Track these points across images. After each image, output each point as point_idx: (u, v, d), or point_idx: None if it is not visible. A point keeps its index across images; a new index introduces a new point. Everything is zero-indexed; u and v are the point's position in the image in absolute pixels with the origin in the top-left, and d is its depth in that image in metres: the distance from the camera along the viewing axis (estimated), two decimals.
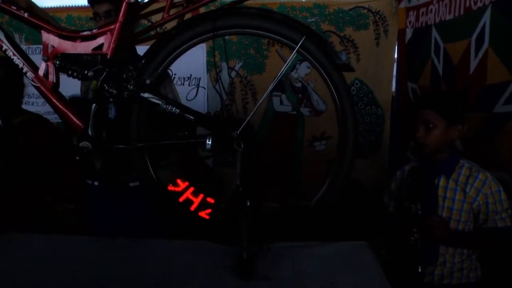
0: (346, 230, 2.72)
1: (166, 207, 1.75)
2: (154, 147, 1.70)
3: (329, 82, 1.58)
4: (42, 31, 1.65)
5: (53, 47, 1.65)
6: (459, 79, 2.62)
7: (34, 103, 3.62)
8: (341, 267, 1.63)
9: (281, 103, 3.68)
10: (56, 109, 1.69)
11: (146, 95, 1.58)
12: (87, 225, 2.49)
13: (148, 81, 1.60)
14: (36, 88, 1.68)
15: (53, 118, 2.88)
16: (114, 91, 1.61)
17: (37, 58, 1.71)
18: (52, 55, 1.64)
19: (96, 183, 2.45)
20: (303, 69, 3.61)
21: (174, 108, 1.57)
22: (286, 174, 3.59)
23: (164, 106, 1.57)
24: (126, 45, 1.75)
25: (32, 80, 1.67)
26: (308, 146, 3.70)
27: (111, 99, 1.63)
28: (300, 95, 3.69)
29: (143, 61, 1.62)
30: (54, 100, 1.68)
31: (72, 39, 1.65)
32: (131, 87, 1.59)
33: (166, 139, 1.69)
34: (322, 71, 1.56)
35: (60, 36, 1.65)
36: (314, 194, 1.70)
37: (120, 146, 1.66)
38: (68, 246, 1.78)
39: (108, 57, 1.61)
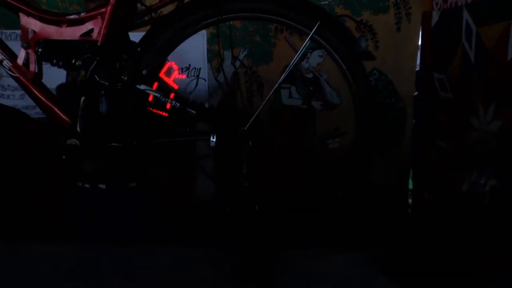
0: (361, 234, 2.72)
1: (163, 209, 1.76)
2: (150, 145, 1.70)
3: (347, 72, 1.58)
4: (21, 14, 1.63)
5: (34, 32, 1.64)
6: (494, 67, 2.60)
7: (10, 96, 3.59)
8: (352, 280, 1.64)
9: (290, 96, 3.66)
10: (39, 103, 1.69)
11: (142, 87, 1.58)
12: (74, 231, 2.49)
13: (144, 72, 1.60)
14: (15, 79, 1.67)
15: (33, 113, 2.87)
16: (106, 83, 1.61)
17: (12, 45, 1.69)
18: (33, 42, 1.63)
19: (85, 185, 2.45)
20: (315, 58, 3.59)
21: (174, 102, 1.57)
22: (296, 174, 3.58)
23: (163, 100, 1.57)
24: (119, 31, 1.75)
25: (10, 70, 1.66)
26: (320, 144, 3.68)
27: (102, 92, 1.63)
28: (311, 87, 3.67)
29: (138, 49, 1.62)
30: (37, 93, 1.68)
31: (57, 23, 1.64)
32: (126, 78, 1.59)
33: (164, 136, 1.69)
34: (339, 60, 1.56)
35: (43, 20, 1.64)
36: (327, 196, 1.70)
37: (113, 144, 1.66)
38: (56, 256, 1.79)
39: (99, 44, 1.61)
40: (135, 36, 1.79)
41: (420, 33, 3.50)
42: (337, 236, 2.43)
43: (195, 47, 3.46)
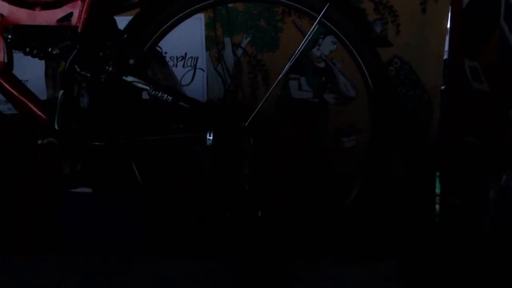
0: (380, 244, 2.72)
1: (155, 217, 1.77)
2: (139, 143, 1.71)
3: (359, 60, 1.59)
4: None
5: (2, 16, 1.65)
6: None
7: None
8: None
9: (300, 88, 3.66)
10: (9, 97, 1.71)
11: (129, 78, 1.60)
12: (58, 242, 2.51)
13: (132, 61, 1.61)
14: None
15: (5, 109, 2.87)
16: (88, 74, 1.62)
17: None
18: (1, 27, 1.65)
19: (65, 190, 2.46)
20: (328, 45, 3.59)
21: (165, 95, 1.58)
22: (306, 176, 3.58)
23: (153, 93, 1.58)
24: (103, 15, 1.76)
25: None
26: (333, 142, 3.68)
27: (83, 84, 1.64)
28: (323, 78, 3.66)
29: (125, 36, 1.63)
30: (6, 85, 1.69)
31: (29, 6, 1.66)
32: (110, 68, 1.60)
33: (155, 133, 1.70)
34: (350, 46, 1.58)
35: (12, 2, 1.65)
36: (340, 201, 1.71)
37: (96, 143, 1.68)
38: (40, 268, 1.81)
39: (79, 30, 1.62)
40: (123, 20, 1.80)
41: (449, 14, 3.49)
42: (353, 246, 2.45)
43: (191, 33, 3.46)
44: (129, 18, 1.78)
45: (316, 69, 3.64)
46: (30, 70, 2.15)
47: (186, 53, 3.58)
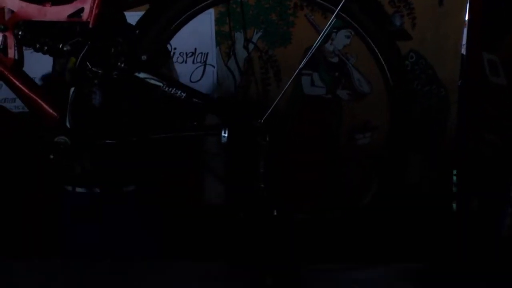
0: (397, 245, 2.72)
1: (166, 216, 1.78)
2: (152, 141, 1.72)
3: (379, 55, 1.59)
4: None
5: (13, 12, 1.65)
6: None
7: None
8: None
9: (313, 84, 3.66)
10: (20, 94, 1.71)
11: (142, 75, 1.60)
12: (63, 243, 2.52)
13: (144, 57, 1.62)
14: None
15: (12, 107, 2.90)
16: (100, 71, 1.63)
17: None
18: (12, 24, 1.65)
19: (76, 189, 2.47)
20: (341, 39, 3.59)
21: (179, 92, 1.59)
22: (320, 174, 3.59)
23: (166, 89, 1.59)
24: (114, 10, 1.77)
25: None
26: (347, 139, 3.68)
27: (95, 81, 1.65)
28: (337, 74, 3.67)
29: (137, 32, 1.64)
30: (17, 82, 1.70)
31: (39, 1, 1.66)
32: (122, 65, 1.61)
33: (168, 131, 1.71)
34: (370, 41, 1.58)
35: None
36: (355, 201, 1.71)
37: (107, 141, 1.68)
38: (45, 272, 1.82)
39: (90, 26, 1.63)
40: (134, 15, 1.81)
41: (468, 5, 3.46)
42: (367, 247, 2.45)
43: (201, 28, 3.46)
44: (140, 13, 1.79)
45: (329, 64, 3.63)
46: (38, 67, 2.15)
47: (195, 49, 3.59)
